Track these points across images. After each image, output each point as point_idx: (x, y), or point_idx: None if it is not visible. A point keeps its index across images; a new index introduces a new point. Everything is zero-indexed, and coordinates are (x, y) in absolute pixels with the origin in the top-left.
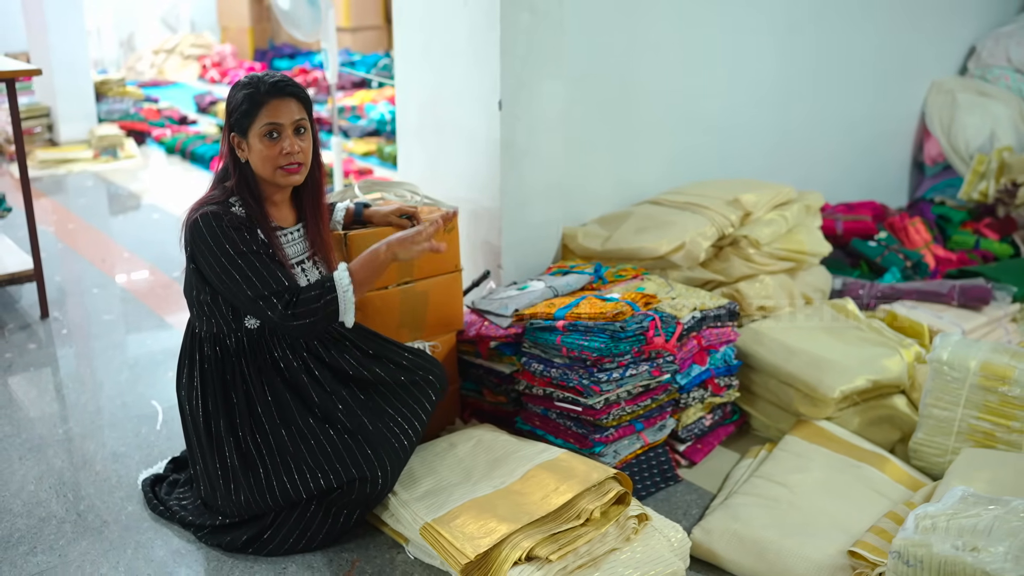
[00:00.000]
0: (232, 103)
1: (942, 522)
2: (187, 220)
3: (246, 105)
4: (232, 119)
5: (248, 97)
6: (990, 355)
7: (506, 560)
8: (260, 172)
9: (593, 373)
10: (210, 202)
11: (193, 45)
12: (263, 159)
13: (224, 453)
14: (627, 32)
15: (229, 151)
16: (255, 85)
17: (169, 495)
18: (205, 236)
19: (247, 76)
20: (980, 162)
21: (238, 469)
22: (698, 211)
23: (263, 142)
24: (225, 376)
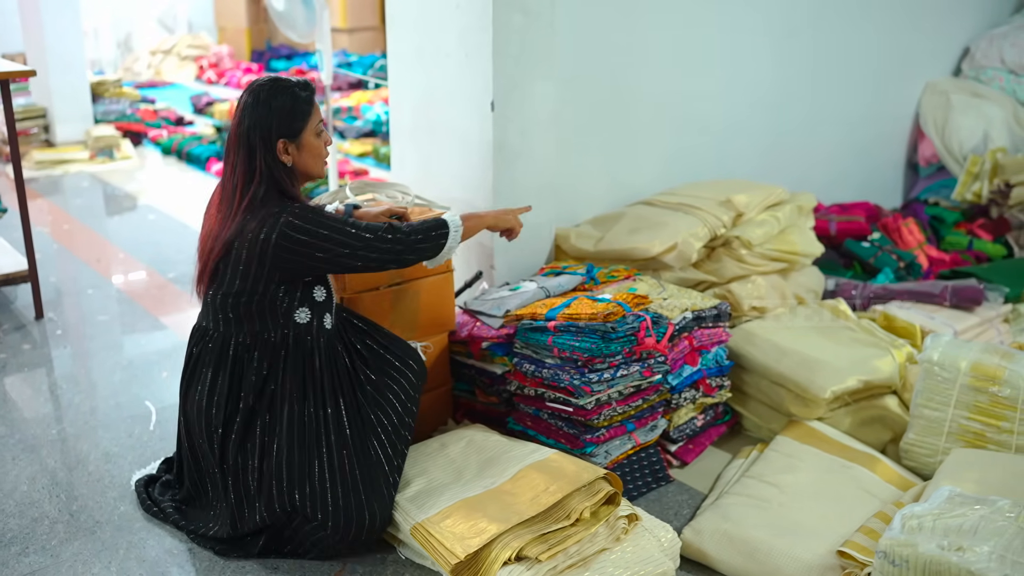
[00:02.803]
0: (271, 112)
1: (928, 522)
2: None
3: (297, 109)
4: (278, 127)
5: (296, 100)
6: (980, 356)
7: (496, 560)
8: (308, 168)
9: (584, 374)
10: (274, 212)
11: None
12: (316, 155)
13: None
14: (620, 33)
15: (268, 162)
16: (293, 89)
17: (163, 496)
18: (305, 227)
19: (265, 83)
20: (974, 163)
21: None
22: (690, 212)
23: (316, 139)
24: (262, 373)
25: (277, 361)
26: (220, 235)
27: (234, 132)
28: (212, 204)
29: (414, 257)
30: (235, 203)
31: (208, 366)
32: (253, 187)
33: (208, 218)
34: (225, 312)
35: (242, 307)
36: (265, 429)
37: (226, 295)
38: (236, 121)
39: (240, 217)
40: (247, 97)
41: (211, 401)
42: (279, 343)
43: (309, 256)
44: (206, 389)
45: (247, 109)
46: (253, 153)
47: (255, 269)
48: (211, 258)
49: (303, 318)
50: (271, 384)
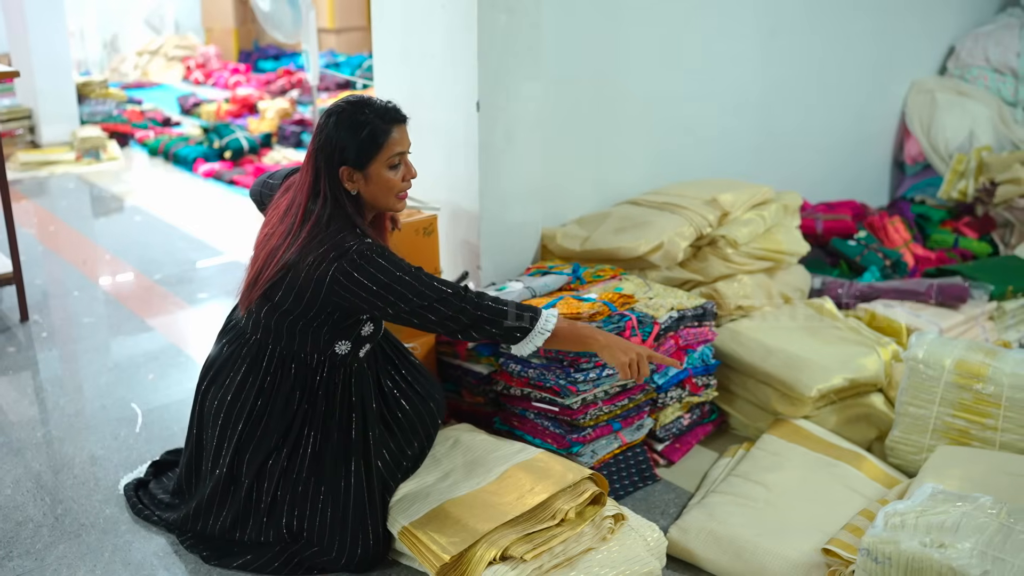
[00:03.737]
0: (340, 136)
1: (911, 519)
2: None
3: (368, 138)
4: (345, 153)
5: (371, 130)
6: (965, 353)
7: (481, 560)
8: (378, 201)
9: (570, 373)
10: (341, 246)
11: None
12: (387, 188)
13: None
14: (606, 33)
15: (331, 186)
16: (372, 115)
17: (154, 499)
18: (364, 267)
19: (345, 106)
20: (959, 161)
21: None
22: (676, 211)
23: (389, 172)
24: (294, 392)
25: (311, 384)
26: (280, 252)
27: (310, 147)
28: (276, 208)
29: (478, 335)
30: (297, 220)
31: (238, 369)
32: (317, 210)
33: (270, 221)
34: (268, 324)
35: (287, 325)
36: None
37: (273, 309)
38: (313, 137)
39: (304, 239)
40: (327, 116)
41: (235, 402)
42: (314, 368)
43: (367, 301)
44: (233, 388)
45: (321, 128)
46: (318, 175)
47: (309, 297)
48: (266, 273)
49: (342, 349)
50: (303, 405)
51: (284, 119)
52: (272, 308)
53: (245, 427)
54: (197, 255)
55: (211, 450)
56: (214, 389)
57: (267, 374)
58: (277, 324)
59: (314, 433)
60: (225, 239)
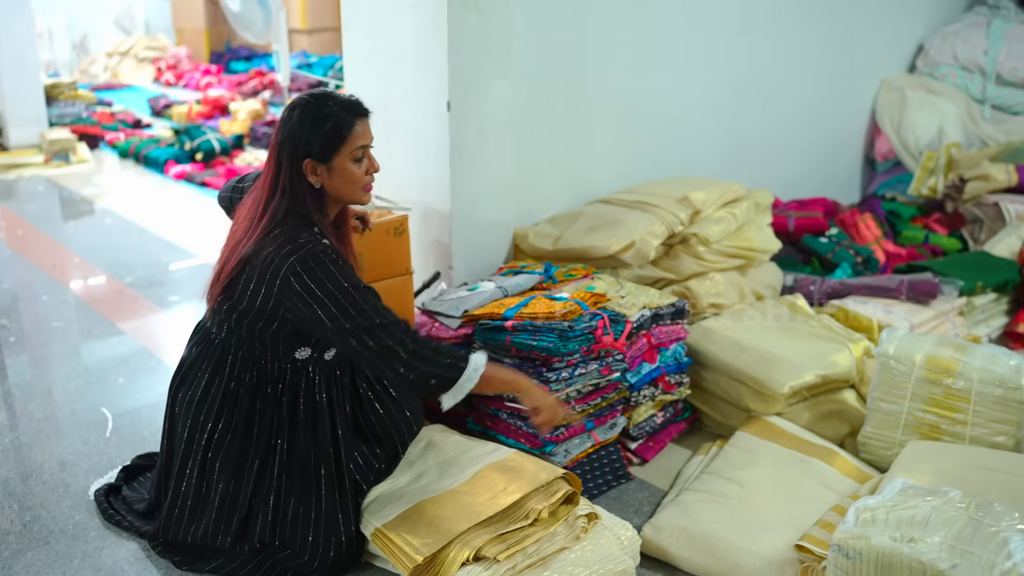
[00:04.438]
0: (303, 130)
1: (881, 514)
2: (277, 267)
3: (333, 130)
4: (310, 146)
5: (335, 121)
6: (935, 348)
7: (454, 561)
8: (341, 195)
9: (542, 373)
10: (295, 241)
11: (148, 48)
12: (351, 181)
13: (212, 480)
14: (576, 32)
15: (292, 179)
16: (336, 108)
17: (127, 506)
18: (317, 275)
19: (309, 99)
20: (929, 158)
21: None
22: (648, 210)
23: (353, 165)
24: (256, 401)
25: (274, 392)
26: (240, 246)
27: (272, 141)
28: (244, 205)
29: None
30: (257, 215)
31: (204, 371)
32: (274, 203)
33: (237, 219)
34: (230, 324)
35: (245, 326)
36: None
37: (232, 308)
38: (275, 131)
39: (260, 233)
40: (289, 109)
41: (202, 404)
42: (276, 375)
43: (309, 308)
44: (200, 389)
45: (284, 121)
46: (280, 168)
47: (263, 295)
48: (228, 268)
49: (303, 355)
50: (267, 412)
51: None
52: (232, 307)
53: (213, 432)
54: (168, 258)
55: (179, 453)
56: (183, 391)
57: (231, 379)
58: (237, 325)
59: (281, 441)
60: (197, 241)
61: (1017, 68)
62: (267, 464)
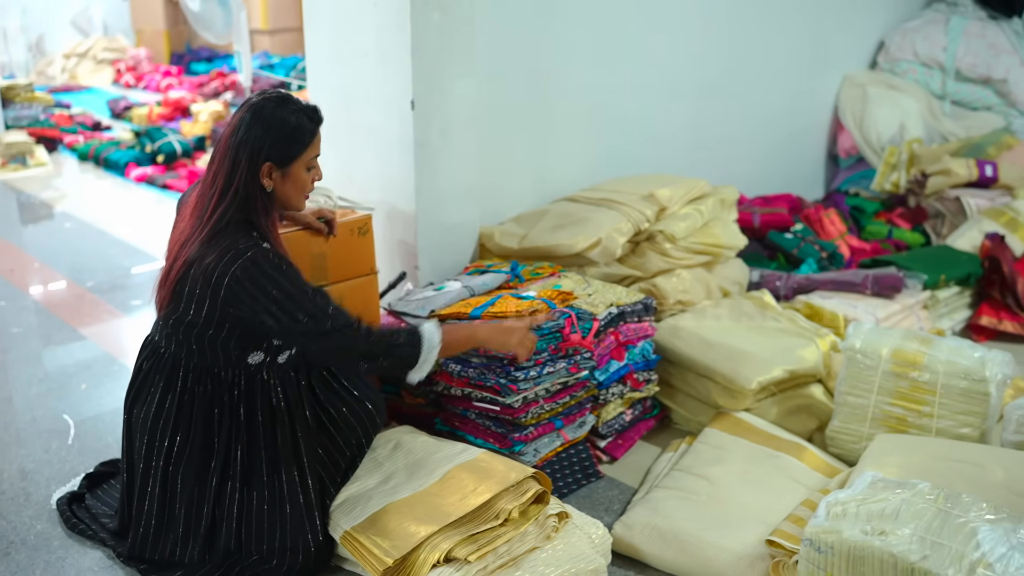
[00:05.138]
0: (266, 133)
1: (852, 508)
2: (221, 275)
3: (296, 136)
4: (271, 149)
5: (300, 129)
6: (901, 342)
7: (424, 563)
8: (288, 199)
9: (510, 372)
10: (236, 248)
11: (106, 49)
12: (300, 188)
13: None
14: (540, 30)
15: (247, 182)
16: (301, 114)
17: (93, 517)
18: (261, 280)
19: (270, 101)
20: (891, 154)
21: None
22: (614, 207)
23: (306, 173)
24: (212, 410)
25: (230, 400)
26: (185, 249)
27: (224, 141)
28: (187, 206)
29: (369, 366)
30: (205, 217)
31: (158, 385)
32: (224, 205)
33: (180, 219)
34: (177, 336)
35: (194, 338)
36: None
37: (179, 320)
38: (230, 130)
39: (205, 235)
40: (248, 110)
41: (157, 423)
42: (230, 383)
43: (258, 312)
44: (153, 406)
45: (243, 122)
46: (235, 169)
47: (208, 307)
48: (172, 273)
49: (255, 360)
50: (225, 421)
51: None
52: (178, 319)
53: (171, 448)
54: (130, 261)
55: (139, 471)
56: (137, 407)
57: (184, 392)
58: (185, 337)
59: (241, 448)
60: (159, 245)
61: (975, 64)
62: (228, 474)
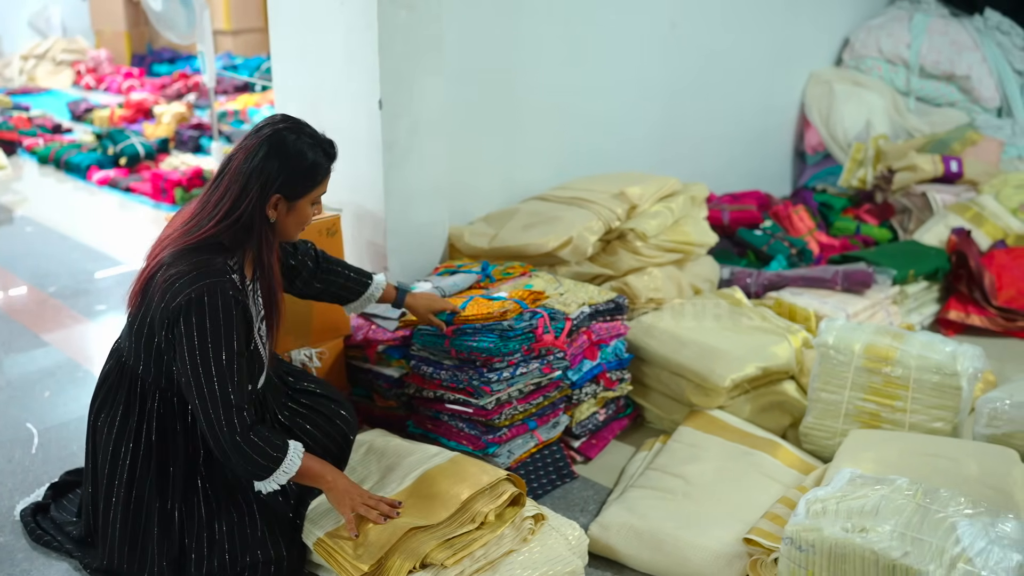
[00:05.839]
0: (281, 165)
1: (832, 505)
2: (181, 292)
3: (311, 173)
4: (284, 181)
5: (316, 166)
6: (873, 337)
7: (400, 569)
8: (287, 232)
9: (483, 373)
10: (205, 270)
11: (65, 51)
12: (302, 222)
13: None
14: (508, 28)
15: (255, 211)
16: (319, 150)
17: (58, 528)
18: (204, 322)
19: (287, 133)
20: (858, 150)
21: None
22: (584, 206)
23: (310, 207)
24: (168, 428)
25: (183, 421)
26: (163, 254)
27: (236, 166)
28: (181, 216)
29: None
30: (196, 231)
31: (120, 400)
32: (222, 226)
33: (166, 231)
34: (139, 347)
35: (143, 344)
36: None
37: (134, 318)
38: (243, 155)
39: (186, 247)
40: (267, 139)
41: (121, 436)
42: (186, 408)
43: (169, 343)
44: (117, 421)
45: (262, 150)
46: (244, 196)
47: (156, 311)
48: (145, 272)
49: None
50: (189, 443)
51: (181, 124)
52: (135, 313)
53: (135, 462)
54: (94, 266)
55: (103, 486)
56: (101, 420)
57: (143, 410)
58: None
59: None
60: (124, 248)
61: (939, 61)
62: (194, 492)
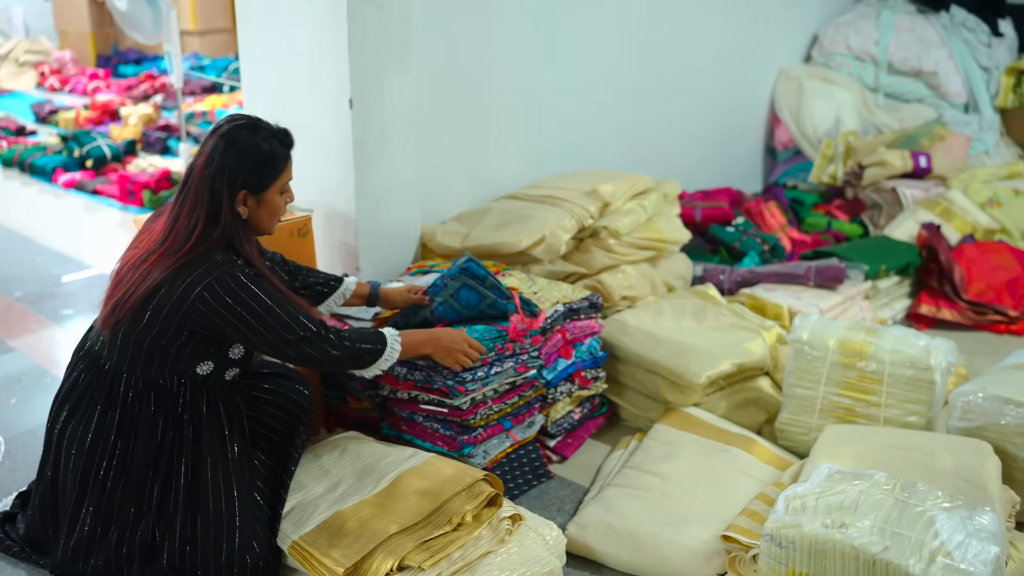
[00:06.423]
0: (241, 161)
1: (811, 501)
2: (191, 290)
3: (271, 163)
4: (247, 177)
5: (274, 155)
6: (847, 333)
7: (377, 572)
8: (261, 225)
9: (457, 374)
10: (212, 264)
11: (29, 51)
12: (274, 213)
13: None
14: (478, 26)
15: (227, 210)
16: (274, 140)
17: (21, 535)
18: (235, 291)
19: (241, 129)
20: (828, 146)
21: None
22: (557, 204)
23: (280, 197)
24: (157, 423)
25: (174, 409)
26: (153, 274)
27: (199, 172)
28: (151, 232)
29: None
30: (185, 246)
31: (95, 404)
32: (205, 234)
33: (141, 247)
34: (126, 348)
35: (146, 345)
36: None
37: (132, 331)
38: (204, 160)
39: (183, 262)
40: (221, 138)
41: (97, 439)
42: (175, 392)
43: (230, 325)
44: (92, 425)
45: (218, 151)
46: (216, 199)
47: (174, 318)
48: (136, 294)
49: (204, 370)
50: (169, 433)
51: (149, 125)
52: (130, 328)
53: (109, 468)
54: (61, 270)
55: (72, 492)
56: (73, 424)
57: (125, 408)
58: (136, 345)
59: (185, 460)
60: (92, 252)
61: (907, 57)
62: (170, 486)
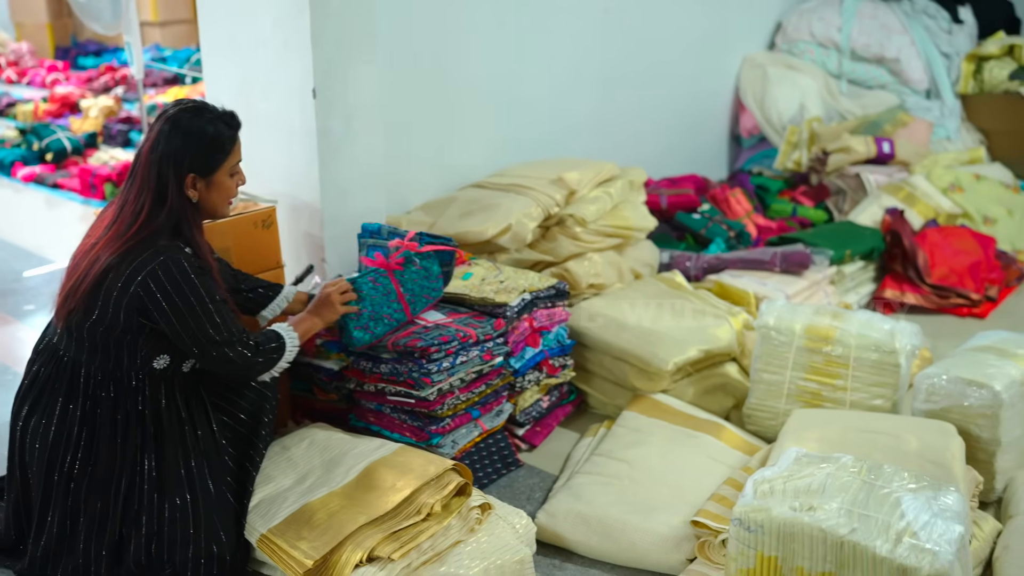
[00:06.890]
0: (186, 144)
1: (779, 485)
2: (135, 275)
3: (216, 145)
4: (194, 160)
5: (220, 137)
6: (813, 318)
7: (347, 563)
8: (214, 208)
9: (423, 365)
10: (157, 250)
11: None
12: (226, 196)
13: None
14: (441, 15)
15: (175, 194)
16: (219, 122)
17: None
18: (177, 281)
19: (185, 112)
20: (792, 133)
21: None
22: (522, 192)
23: (230, 180)
24: (117, 417)
25: (134, 405)
26: (102, 259)
27: (145, 156)
28: (101, 221)
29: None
30: (131, 230)
31: (56, 397)
32: (151, 218)
33: (93, 235)
34: (81, 339)
35: (100, 336)
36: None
37: (83, 321)
38: (149, 145)
39: (129, 246)
40: (166, 122)
41: (60, 433)
42: (134, 387)
43: (162, 313)
44: (54, 419)
45: (163, 135)
46: (162, 184)
47: (121, 304)
48: (87, 280)
49: (161, 364)
50: (131, 428)
51: (109, 117)
52: (82, 319)
53: (74, 463)
54: (22, 265)
55: (39, 487)
56: (35, 419)
57: (86, 399)
58: (90, 336)
59: (148, 456)
60: (53, 246)
61: (869, 44)
62: (135, 483)
